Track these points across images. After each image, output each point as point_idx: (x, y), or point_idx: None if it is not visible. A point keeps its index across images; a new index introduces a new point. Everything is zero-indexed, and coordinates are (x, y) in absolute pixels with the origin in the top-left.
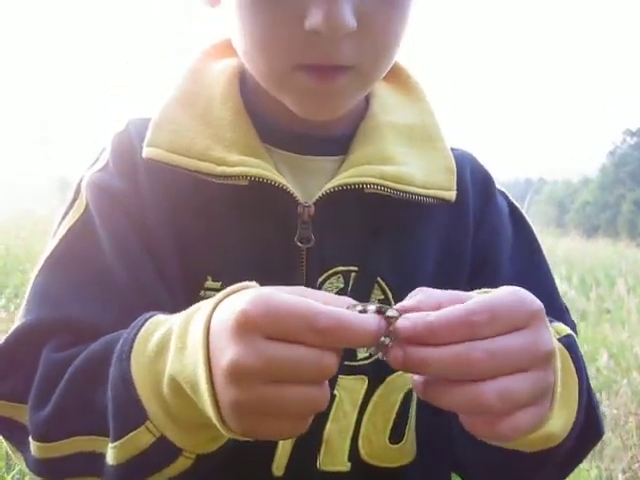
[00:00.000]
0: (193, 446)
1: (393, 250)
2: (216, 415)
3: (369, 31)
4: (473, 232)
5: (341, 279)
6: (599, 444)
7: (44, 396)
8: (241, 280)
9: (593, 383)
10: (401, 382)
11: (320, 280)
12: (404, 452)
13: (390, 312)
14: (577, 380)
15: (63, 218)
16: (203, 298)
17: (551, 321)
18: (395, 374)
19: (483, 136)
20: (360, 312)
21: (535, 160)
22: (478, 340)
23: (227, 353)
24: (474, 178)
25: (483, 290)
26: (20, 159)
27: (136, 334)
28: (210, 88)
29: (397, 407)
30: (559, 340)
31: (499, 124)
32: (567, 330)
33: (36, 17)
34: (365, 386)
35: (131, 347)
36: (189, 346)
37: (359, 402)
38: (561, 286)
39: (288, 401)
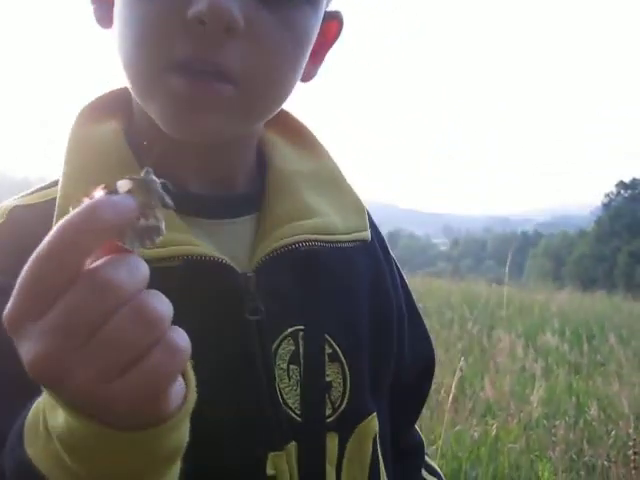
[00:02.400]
0: None
1: (331, 301)
2: (99, 424)
3: (255, 39)
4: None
5: (291, 341)
6: None
7: None
8: (195, 366)
9: (583, 435)
10: (369, 428)
11: (274, 347)
12: None
13: (121, 183)
14: None
15: None
16: None
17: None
18: (364, 420)
19: (476, 190)
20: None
21: (531, 210)
22: None
23: (25, 361)
24: (370, 224)
25: None
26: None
27: (24, 420)
28: (100, 158)
29: (370, 455)
30: None
31: (490, 172)
32: None
33: (37, 17)
34: (336, 442)
35: (22, 431)
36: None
37: (335, 459)
38: (552, 340)
39: (119, 336)
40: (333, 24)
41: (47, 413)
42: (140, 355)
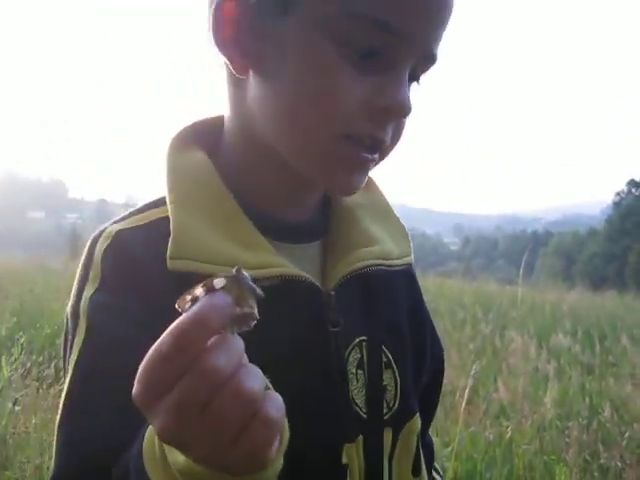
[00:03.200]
0: None
1: (384, 316)
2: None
3: (402, 121)
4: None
5: (357, 350)
6: None
7: None
8: (287, 368)
9: (597, 436)
10: (414, 425)
11: (345, 355)
12: None
13: (217, 281)
14: None
15: (68, 352)
16: None
17: None
18: (412, 419)
19: (486, 188)
20: (192, 300)
21: (540, 211)
22: None
23: (155, 432)
24: None
25: None
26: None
27: (141, 447)
28: (198, 186)
29: (414, 449)
30: None
31: (500, 167)
32: None
33: (37, 17)
34: (391, 436)
35: (141, 457)
36: None
37: (389, 451)
38: (565, 340)
39: (222, 413)
40: None
41: (166, 450)
42: (242, 429)
